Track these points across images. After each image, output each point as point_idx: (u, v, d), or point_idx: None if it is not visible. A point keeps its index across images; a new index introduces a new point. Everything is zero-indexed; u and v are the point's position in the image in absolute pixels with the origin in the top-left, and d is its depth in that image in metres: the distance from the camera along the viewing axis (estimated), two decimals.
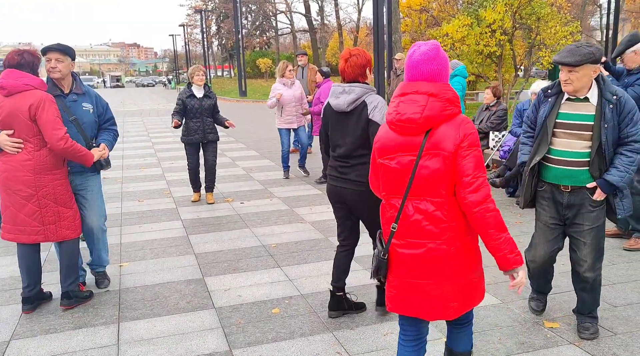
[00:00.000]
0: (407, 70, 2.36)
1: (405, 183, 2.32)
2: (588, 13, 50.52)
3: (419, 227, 2.32)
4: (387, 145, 2.38)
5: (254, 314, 3.85)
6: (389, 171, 2.37)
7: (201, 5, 56.45)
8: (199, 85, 6.81)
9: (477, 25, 17.69)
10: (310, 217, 6.29)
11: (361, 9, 51.81)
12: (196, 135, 6.84)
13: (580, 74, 3.08)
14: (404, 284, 2.40)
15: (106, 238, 4.49)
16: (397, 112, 2.33)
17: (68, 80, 4.00)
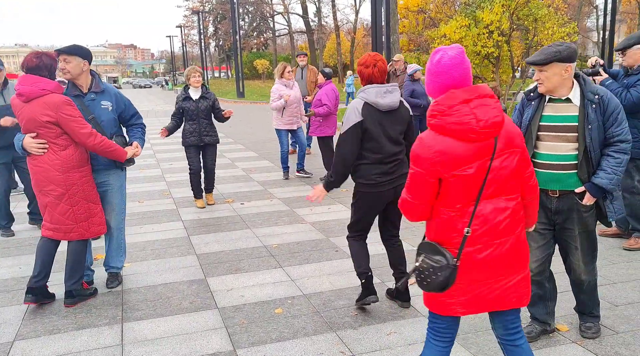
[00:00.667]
0: (436, 75, 2.29)
1: (478, 188, 2.24)
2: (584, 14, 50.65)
3: (501, 226, 2.28)
4: (460, 156, 2.20)
5: (257, 314, 3.86)
6: (465, 180, 2.22)
7: (199, 7, 56.46)
8: (196, 87, 6.71)
9: (474, 26, 17.75)
10: (310, 217, 6.31)
11: (358, 10, 51.89)
12: (192, 138, 6.71)
13: (550, 73, 3.01)
14: (481, 285, 2.31)
15: (123, 238, 4.48)
16: (478, 118, 2.18)
17: (85, 80, 4.07)
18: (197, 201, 6.98)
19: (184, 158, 11.00)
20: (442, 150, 2.21)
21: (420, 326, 3.60)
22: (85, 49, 4.08)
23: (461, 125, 2.18)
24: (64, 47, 4.02)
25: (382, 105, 3.56)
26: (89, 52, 4.12)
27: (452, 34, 17.98)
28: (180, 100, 6.72)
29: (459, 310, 2.35)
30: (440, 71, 2.28)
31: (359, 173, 3.66)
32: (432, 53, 2.36)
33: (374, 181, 3.61)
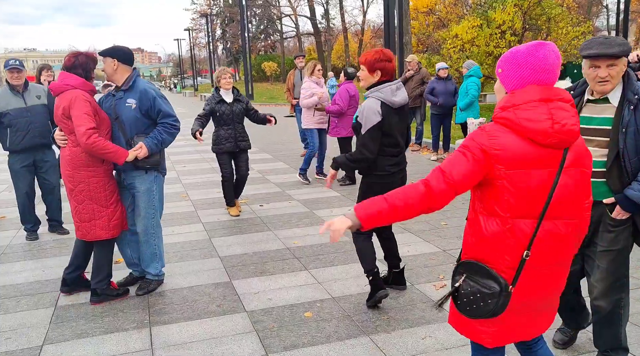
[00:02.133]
0: (542, 72, 2.00)
1: (540, 203, 1.98)
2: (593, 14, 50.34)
3: (558, 253, 2.06)
4: (521, 156, 1.95)
5: (287, 318, 3.79)
6: (522, 188, 1.96)
7: (206, 10, 56.60)
8: (227, 89, 6.33)
9: (486, 26, 17.68)
10: (331, 219, 6.21)
11: (366, 11, 51.81)
12: (228, 144, 6.34)
13: (619, 68, 2.67)
14: (516, 314, 2.09)
15: (156, 244, 4.27)
16: (555, 120, 1.94)
17: (119, 78, 4.05)
18: (231, 209, 6.65)
19: (197, 160, 11.02)
20: (504, 144, 1.94)
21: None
22: (116, 48, 4.06)
23: (534, 123, 1.93)
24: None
25: (396, 103, 3.73)
26: (121, 51, 4.06)
27: (464, 34, 17.92)
28: (214, 103, 6.31)
29: (486, 340, 2.11)
30: (546, 68, 2.00)
31: (374, 166, 3.78)
32: (532, 45, 2.04)
33: (388, 172, 3.81)
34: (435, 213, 6.29)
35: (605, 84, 2.70)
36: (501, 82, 2.09)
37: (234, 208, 6.66)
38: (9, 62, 5.45)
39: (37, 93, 5.58)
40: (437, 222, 5.98)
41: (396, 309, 3.86)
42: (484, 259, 2.04)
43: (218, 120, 6.35)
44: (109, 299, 4.13)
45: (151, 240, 4.24)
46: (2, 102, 5.41)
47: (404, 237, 5.46)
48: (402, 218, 2.06)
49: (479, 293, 2.00)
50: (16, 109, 5.41)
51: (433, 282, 4.31)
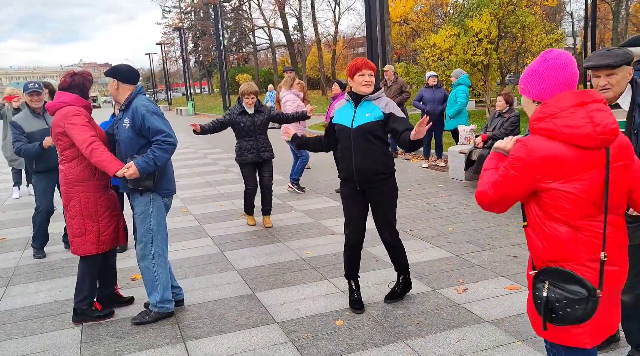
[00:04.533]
0: (559, 79, 2.09)
1: (598, 203, 2.03)
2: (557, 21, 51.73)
3: (624, 245, 2.13)
4: (569, 164, 1.99)
5: (319, 327, 3.83)
6: (579, 192, 2.00)
7: (177, 23, 56.33)
8: (250, 106, 6.34)
9: (464, 35, 18.01)
10: (339, 228, 6.30)
11: (338, 22, 52.25)
12: (250, 155, 6.36)
13: (620, 77, 2.85)
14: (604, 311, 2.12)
15: (155, 271, 3.97)
16: (595, 123, 1.98)
17: (122, 98, 3.97)
18: (249, 218, 6.69)
19: (190, 174, 10.98)
20: (547, 156, 1.99)
21: (486, 332, 3.61)
22: (117, 68, 3.94)
23: (576, 128, 1.98)
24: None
25: None
26: (121, 70, 3.93)
27: (442, 43, 18.23)
28: (236, 114, 6.33)
29: (585, 342, 2.10)
30: (565, 77, 2.09)
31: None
32: (545, 53, 2.15)
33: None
34: (440, 219, 6.42)
35: (606, 91, 2.88)
36: (526, 95, 2.20)
37: (252, 217, 6.74)
38: (27, 86, 5.52)
39: None
40: (444, 227, 6.10)
41: (424, 314, 3.94)
42: (564, 260, 2.05)
43: (240, 131, 6.36)
44: (90, 320, 4.10)
45: (151, 266, 3.97)
46: (26, 125, 5.43)
47: (414, 244, 5.56)
48: None
49: (565, 300, 2.00)
50: (40, 131, 5.47)
51: (454, 287, 4.41)
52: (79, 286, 4.08)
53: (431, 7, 30.80)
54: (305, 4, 49.41)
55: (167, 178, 3.97)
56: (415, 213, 6.74)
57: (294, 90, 8.15)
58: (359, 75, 3.78)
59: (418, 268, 4.87)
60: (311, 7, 47.98)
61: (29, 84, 5.59)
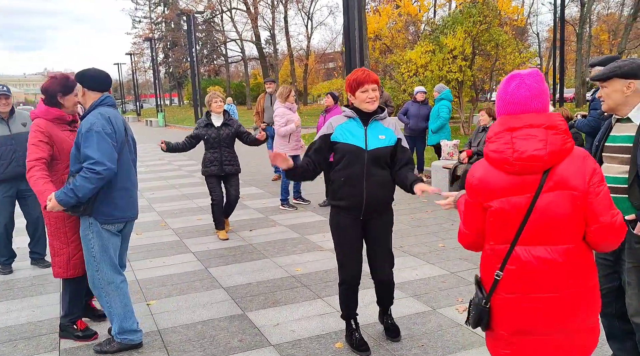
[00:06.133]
0: (509, 105, 2.12)
1: (516, 228, 2.07)
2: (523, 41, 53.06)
3: (539, 279, 2.07)
4: (497, 186, 2.08)
5: (318, 350, 3.61)
6: (500, 215, 2.09)
7: (148, 34, 55.61)
8: (218, 113, 6.31)
9: (439, 52, 18.18)
10: (326, 244, 6.10)
11: (310, 37, 52.46)
12: (213, 167, 6.33)
13: (610, 90, 2.83)
14: (528, 337, 2.13)
15: (106, 301, 3.57)
16: (514, 149, 2.03)
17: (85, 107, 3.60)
18: (220, 232, 6.53)
19: (166, 186, 10.63)
20: (481, 178, 2.12)
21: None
22: (82, 74, 3.52)
23: (497, 153, 2.07)
24: None
25: None
26: (86, 76, 3.51)
27: (418, 59, 18.36)
28: (202, 126, 6.32)
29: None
30: (515, 101, 2.11)
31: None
32: (507, 78, 2.16)
33: None
34: (429, 235, 6.29)
35: (603, 103, 2.95)
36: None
37: (223, 232, 6.54)
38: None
39: (22, 121, 5.21)
40: (434, 244, 5.96)
41: (428, 335, 3.77)
42: (481, 275, 2.27)
43: (205, 143, 6.35)
44: (69, 338, 3.85)
45: (102, 295, 3.58)
46: None
47: (406, 260, 5.40)
48: None
49: (471, 301, 2.27)
50: (0, 137, 5.03)
51: (455, 306, 4.25)
52: (63, 301, 3.87)
53: (405, 24, 31.13)
54: (279, 17, 49.44)
55: (106, 203, 3.45)
56: (403, 229, 6.59)
57: (288, 103, 7.91)
58: (361, 91, 3.28)
59: (414, 286, 4.70)
60: (284, 21, 48.13)
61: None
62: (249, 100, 51.68)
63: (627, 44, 34.03)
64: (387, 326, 3.77)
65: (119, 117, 3.55)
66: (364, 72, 3.31)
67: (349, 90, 3.37)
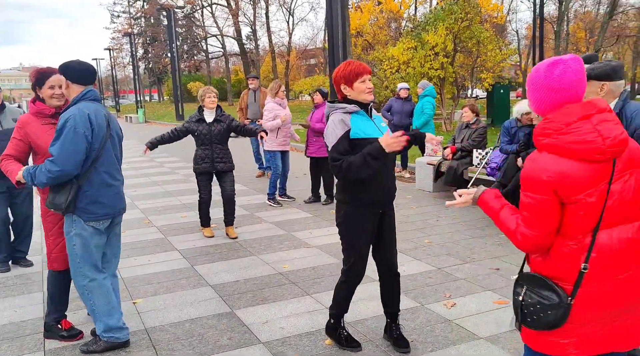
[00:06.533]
0: (560, 92, 2.04)
1: (597, 215, 2.01)
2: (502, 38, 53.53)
3: (625, 258, 2.04)
4: (581, 179, 1.97)
5: (308, 347, 3.61)
6: (587, 208, 2.00)
7: (127, 29, 54.89)
8: (211, 109, 6.16)
9: (421, 48, 18.25)
10: (313, 241, 6.09)
11: (292, 33, 52.30)
12: (204, 164, 6.18)
13: (587, 91, 2.81)
14: (599, 324, 2.08)
15: (89, 300, 3.54)
16: (604, 136, 1.96)
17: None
18: (205, 230, 6.46)
19: (148, 183, 10.51)
20: (561, 172, 1.97)
21: (483, 350, 3.48)
22: (66, 66, 3.45)
23: (584, 144, 1.96)
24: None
25: None
26: (70, 68, 3.44)
27: (400, 56, 18.42)
28: (193, 121, 6.16)
29: (572, 352, 2.09)
30: (562, 87, 2.03)
31: None
32: (549, 64, 2.05)
33: None
34: (415, 231, 6.32)
35: None
36: (530, 106, 2.15)
37: (209, 229, 6.48)
38: None
39: (13, 116, 5.11)
40: (421, 240, 5.99)
41: (417, 331, 3.78)
42: (551, 274, 2.08)
43: (196, 139, 6.20)
44: (58, 338, 3.78)
45: (85, 294, 3.55)
46: None
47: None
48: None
49: (539, 304, 2.07)
50: None
51: (442, 301, 4.28)
52: (49, 301, 3.80)
53: (387, 20, 31.20)
54: (260, 12, 49.18)
55: (88, 201, 3.42)
56: None
57: (278, 99, 7.89)
58: (360, 82, 3.21)
59: (402, 282, 4.69)
60: (265, 16, 47.88)
61: None
62: (230, 96, 51.36)
63: (603, 42, 34.56)
64: (396, 336, 3.58)
65: (100, 111, 3.46)
66: (360, 63, 3.24)
67: (345, 82, 3.24)
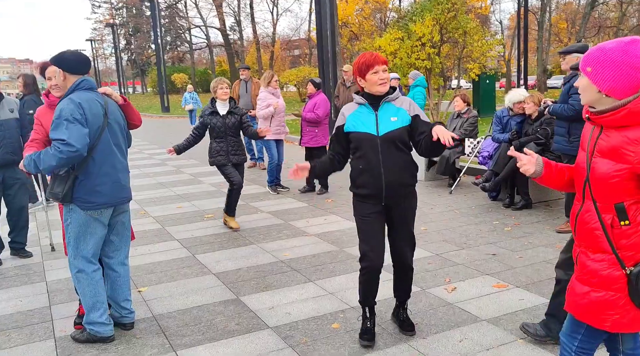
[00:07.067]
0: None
1: None
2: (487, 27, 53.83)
3: None
4: None
5: (316, 331, 3.69)
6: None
7: (109, 19, 54.25)
8: (224, 100, 6.09)
9: (407, 39, 18.34)
10: (311, 229, 6.17)
11: (276, 23, 52.09)
12: (219, 157, 6.14)
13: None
14: None
15: (80, 289, 3.58)
16: None
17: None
18: (232, 221, 6.29)
19: (139, 175, 10.50)
20: None
21: (486, 331, 3.59)
22: (61, 57, 3.47)
23: None
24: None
25: None
26: (66, 59, 3.46)
27: (387, 46, 18.49)
28: (206, 114, 6.10)
29: None
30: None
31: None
32: (628, 43, 2.04)
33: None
34: None
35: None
36: (592, 82, 2.08)
37: (235, 221, 6.31)
38: None
39: (10, 107, 5.11)
40: (416, 227, 6.05)
41: (420, 314, 3.88)
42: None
43: (211, 132, 6.14)
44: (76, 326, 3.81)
45: (75, 282, 3.62)
46: None
47: None
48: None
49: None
50: None
51: (443, 286, 4.39)
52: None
53: (372, 11, 31.24)
54: (244, 3, 48.89)
55: (86, 190, 3.43)
56: None
57: (270, 88, 7.95)
58: (372, 73, 3.20)
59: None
60: (250, 7, 47.58)
61: None
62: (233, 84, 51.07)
63: (585, 33, 34.97)
64: (403, 319, 3.65)
65: (94, 100, 3.45)
66: (372, 54, 3.26)
67: (357, 74, 3.27)
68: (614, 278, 2.11)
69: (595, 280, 2.16)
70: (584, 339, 2.29)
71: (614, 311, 2.14)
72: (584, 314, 2.22)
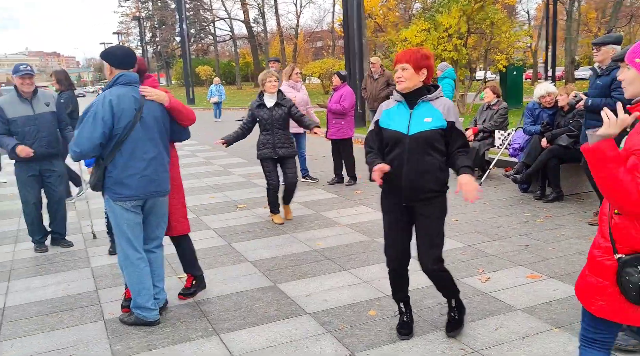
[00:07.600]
0: None
1: None
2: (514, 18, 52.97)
3: None
4: None
5: (353, 317, 3.80)
6: None
7: (135, 13, 54.90)
8: (272, 93, 6.05)
9: (434, 30, 18.24)
10: (343, 220, 6.27)
11: (299, 15, 52.08)
12: (266, 150, 6.10)
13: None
14: None
15: (126, 275, 3.78)
16: None
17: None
18: (275, 217, 6.31)
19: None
20: None
21: (521, 320, 3.65)
22: (108, 52, 3.65)
23: None
24: None
25: None
26: (112, 54, 3.63)
27: (413, 38, 18.42)
28: (254, 107, 6.10)
29: None
30: None
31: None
32: None
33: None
34: None
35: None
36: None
37: (278, 216, 6.33)
38: (19, 67, 5.10)
39: (45, 101, 5.27)
40: (448, 218, 6.09)
41: None
42: None
43: (259, 125, 6.15)
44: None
45: (122, 268, 3.79)
46: (10, 109, 5.07)
47: None
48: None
49: None
50: (23, 117, 5.10)
51: (476, 276, 4.45)
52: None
53: (397, 2, 31.05)
54: None
55: (114, 182, 3.58)
56: None
57: (291, 81, 8.03)
58: (394, 71, 3.23)
59: None
60: None
61: (20, 65, 5.18)
62: (239, 80, 51.42)
63: (616, 22, 34.28)
64: (448, 318, 3.58)
65: (127, 96, 3.53)
66: (402, 52, 3.25)
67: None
68: (605, 267, 2.17)
69: (591, 264, 2.25)
70: (586, 327, 2.34)
71: (600, 298, 2.21)
72: (580, 293, 2.32)
